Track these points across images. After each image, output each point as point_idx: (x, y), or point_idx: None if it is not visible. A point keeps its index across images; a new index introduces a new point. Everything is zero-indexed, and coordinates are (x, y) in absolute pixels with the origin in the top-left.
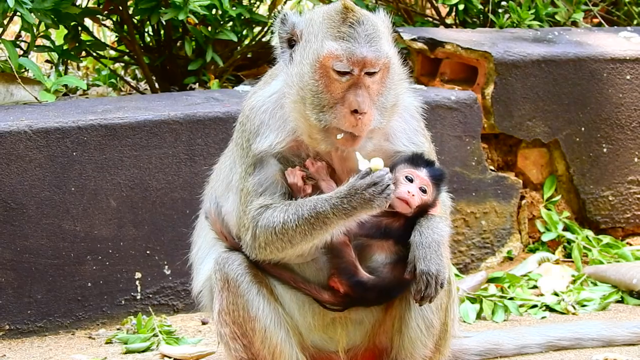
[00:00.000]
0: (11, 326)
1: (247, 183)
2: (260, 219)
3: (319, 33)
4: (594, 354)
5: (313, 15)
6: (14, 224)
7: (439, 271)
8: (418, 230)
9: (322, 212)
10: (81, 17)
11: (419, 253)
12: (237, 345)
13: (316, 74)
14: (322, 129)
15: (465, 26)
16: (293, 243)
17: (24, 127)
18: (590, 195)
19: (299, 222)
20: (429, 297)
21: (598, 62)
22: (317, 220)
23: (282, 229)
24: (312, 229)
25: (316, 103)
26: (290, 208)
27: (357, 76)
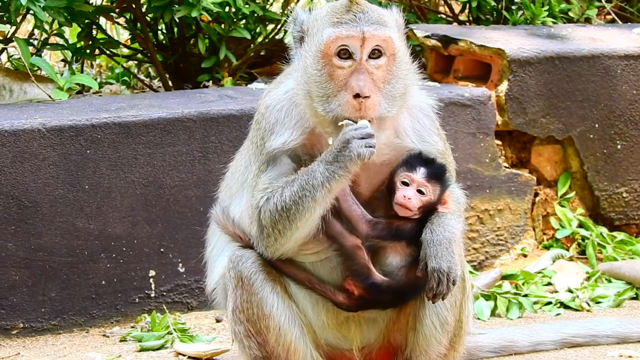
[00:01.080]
0: (25, 324)
1: (259, 180)
2: (263, 203)
3: (321, 24)
4: (609, 350)
5: (319, 10)
6: (28, 222)
7: (451, 268)
8: (429, 228)
9: (312, 178)
10: (94, 15)
11: (430, 251)
12: (251, 343)
13: (319, 64)
14: (330, 121)
15: (478, 23)
16: (291, 221)
17: (38, 125)
18: (605, 192)
19: (293, 195)
20: (441, 295)
21: (612, 58)
22: (308, 185)
23: (282, 205)
24: (305, 198)
25: (322, 94)
26: (287, 184)
27: (359, 61)
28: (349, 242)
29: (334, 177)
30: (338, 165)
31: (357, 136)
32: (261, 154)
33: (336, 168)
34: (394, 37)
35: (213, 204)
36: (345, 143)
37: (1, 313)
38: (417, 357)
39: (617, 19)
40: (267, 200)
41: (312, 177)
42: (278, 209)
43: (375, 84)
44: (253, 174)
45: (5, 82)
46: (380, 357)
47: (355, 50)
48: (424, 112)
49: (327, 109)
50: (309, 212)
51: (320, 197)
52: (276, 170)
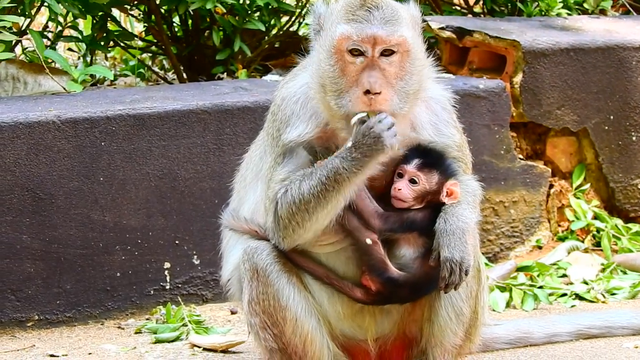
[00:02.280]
0: (40, 316)
1: (275, 172)
2: (281, 195)
3: (335, 19)
4: (624, 342)
5: (335, 4)
6: (43, 214)
7: (463, 258)
8: (442, 217)
9: (333, 168)
10: (109, 7)
11: (443, 240)
12: (267, 334)
13: (332, 59)
14: (342, 116)
15: (493, 15)
16: (311, 213)
17: (52, 117)
18: (620, 183)
19: (313, 186)
20: (453, 285)
21: (627, 50)
22: (329, 179)
23: (300, 198)
24: (326, 191)
25: (334, 89)
26: (305, 177)
27: (371, 57)
28: (364, 237)
29: (361, 170)
30: (366, 158)
31: (384, 127)
32: (277, 146)
33: (363, 161)
34: (407, 35)
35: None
36: (374, 136)
37: (16, 305)
38: (432, 348)
39: (632, 10)
40: (285, 193)
41: (335, 171)
42: (296, 201)
43: (387, 80)
44: (268, 165)
45: (20, 74)
46: (395, 348)
47: (367, 49)
48: (440, 104)
49: (339, 104)
50: (331, 204)
51: (345, 190)
52: (292, 163)
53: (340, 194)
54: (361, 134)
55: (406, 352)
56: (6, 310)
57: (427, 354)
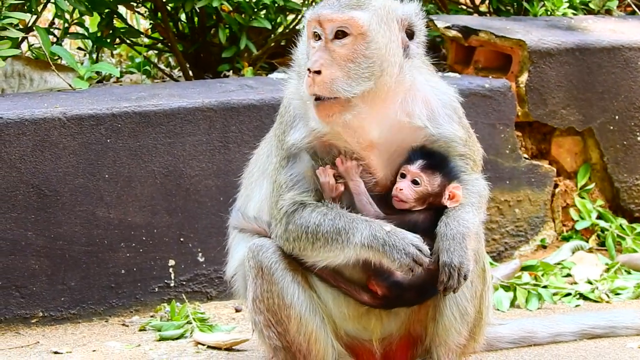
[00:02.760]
0: (45, 313)
1: (279, 175)
2: (295, 216)
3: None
4: (628, 342)
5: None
6: (48, 210)
7: (462, 263)
8: (444, 221)
9: (351, 233)
10: (115, 4)
11: (443, 244)
12: (271, 332)
13: (302, 47)
14: (305, 99)
15: (499, 14)
16: (314, 247)
17: (58, 114)
18: (624, 183)
19: (326, 234)
20: (451, 289)
21: (632, 50)
22: (342, 239)
23: (313, 231)
24: (335, 242)
25: (301, 74)
26: (329, 213)
27: (324, 40)
28: None
29: (369, 250)
30: (384, 257)
31: (423, 254)
32: (281, 148)
33: (380, 255)
34: (360, 18)
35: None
36: (406, 249)
37: (21, 302)
38: (436, 347)
39: (638, 10)
40: (293, 213)
41: (352, 232)
42: (307, 231)
43: (334, 61)
44: (273, 166)
45: (26, 71)
46: (400, 347)
47: (321, 31)
48: (441, 99)
49: (304, 89)
50: (333, 253)
51: (350, 254)
52: (296, 168)
53: (344, 251)
54: (407, 244)
55: (411, 351)
56: (10, 307)
57: (432, 353)
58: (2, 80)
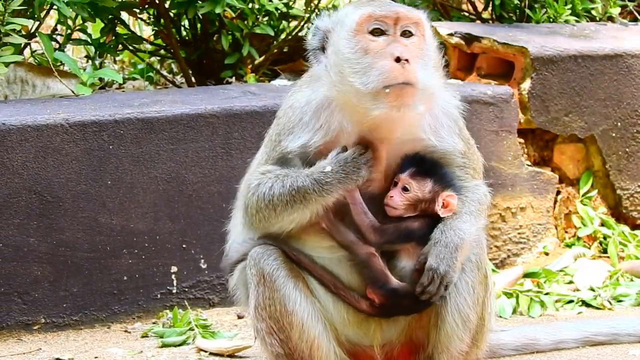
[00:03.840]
0: (47, 319)
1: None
2: (254, 185)
3: (351, 9)
4: (631, 349)
5: (340, 10)
6: (51, 217)
7: (447, 272)
8: (440, 228)
9: (303, 187)
10: (118, 10)
11: (434, 250)
12: (273, 340)
13: (352, 43)
14: (369, 93)
15: (501, 21)
16: (276, 213)
17: (61, 120)
18: (627, 190)
19: (282, 194)
20: (429, 294)
21: (634, 57)
22: (299, 194)
23: (270, 198)
24: (293, 202)
25: (358, 69)
26: (279, 178)
27: (393, 34)
28: (363, 251)
29: (330, 194)
30: (339, 184)
31: (365, 159)
32: (273, 150)
33: (336, 187)
34: (425, 20)
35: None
36: (356, 166)
37: (23, 308)
38: (439, 354)
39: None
40: (257, 186)
41: (305, 190)
42: (265, 199)
43: (412, 51)
44: (257, 161)
45: (29, 77)
46: (402, 354)
47: (389, 28)
48: (444, 110)
49: (366, 82)
50: (297, 213)
51: (311, 207)
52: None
53: (307, 208)
54: (343, 161)
55: (412, 357)
56: (13, 314)
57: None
58: (4, 86)
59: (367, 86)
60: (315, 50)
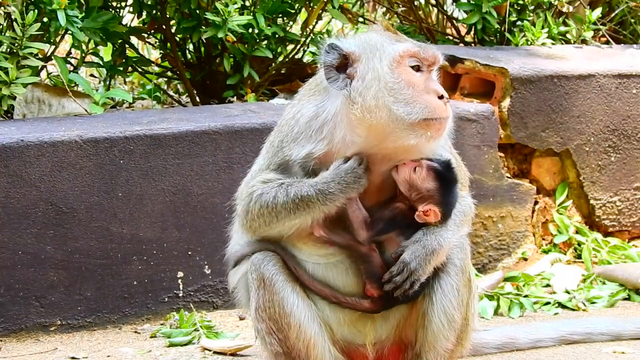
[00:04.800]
0: (62, 321)
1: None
2: (257, 194)
3: (385, 43)
4: (603, 347)
5: (364, 36)
6: (66, 226)
7: (417, 270)
8: (424, 230)
9: (307, 196)
10: (127, 35)
11: (412, 247)
12: (272, 339)
13: (395, 74)
14: (410, 123)
15: (483, 44)
16: (278, 219)
17: (75, 137)
18: (599, 200)
19: (286, 202)
20: (394, 284)
21: (606, 77)
22: (303, 202)
23: (273, 206)
24: (297, 210)
25: (401, 99)
26: (282, 187)
27: (427, 72)
28: (362, 249)
29: (333, 203)
30: (342, 194)
31: (364, 169)
32: (275, 156)
33: (338, 196)
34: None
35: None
36: (357, 175)
37: (40, 311)
38: (426, 352)
39: (612, 40)
40: (260, 195)
41: (308, 199)
42: (269, 206)
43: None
44: (258, 167)
45: (45, 97)
46: (392, 352)
47: (424, 66)
48: None
49: (410, 112)
50: (299, 219)
51: (315, 213)
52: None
53: (310, 215)
54: (344, 172)
55: (402, 355)
56: (31, 316)
57: (421, 358)
58: (23, 105)
59: (410, 116)
60: (330, 67)
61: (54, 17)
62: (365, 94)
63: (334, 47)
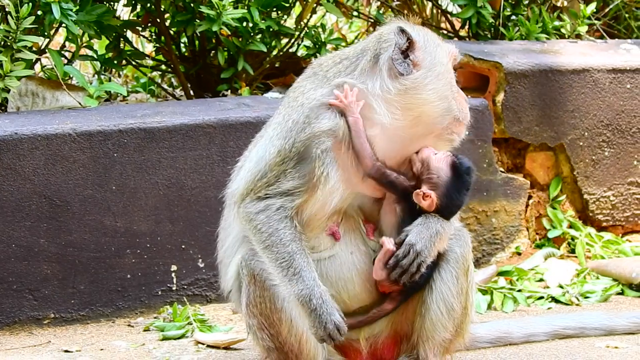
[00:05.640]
0: (56, 315)
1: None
2: (256, 222)
3: (438, 43)
4: (597, 342)
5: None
6: (59, 219)
7: (423, 251)
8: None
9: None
10: (122, 28)
11: (416, 229)
12: (264, 334)
13: (451, 72)
14: (453, 118)
15: (477, 39)
16: (264, 251)
17: (69, 130)
18: (593, 195)
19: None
20: (400, 268)
21: (600, 72)
22: (291, 270)
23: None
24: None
25: (454, 96)
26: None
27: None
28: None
29: (298, 304)
30: (308, 313)
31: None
32: (298, 134)
33: (305, 310)
34: None
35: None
36: (326, 323)
37: (34, 304)
38: (423, 342)
39: (606, 35)
40: (257, 230)
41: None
42: (264, 244)
43: None
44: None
45: (39, 90)
46: (386, 345)
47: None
48: None
49: (457, 110)
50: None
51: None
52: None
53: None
54: (323, 325)
55: (397, 348)
56: (24, 309)
57: (418, 349)
58: (17, 99)
59: (455, 113)
60: (399, 50)
61: (48, 10)
62: (430, 84)
63: (403, 31)
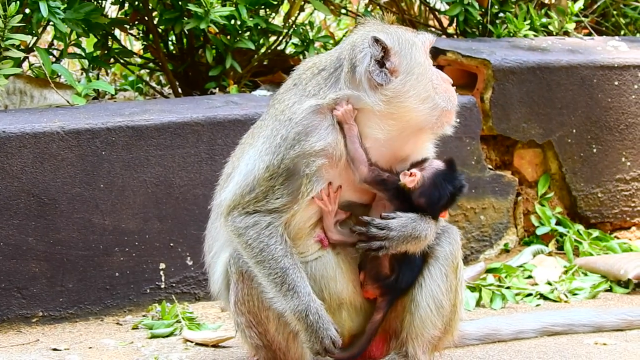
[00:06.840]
0: (44, 313)
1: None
2: (246, 239)
3: (411, 36)
4: (585, 338)
5: (390, 29)
6: (47, 218)
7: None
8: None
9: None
10: (110, 26)
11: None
12: (252, 332)
13: (431, 67)
14: (445, 111)
15: (465, 36)
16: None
17: (57, 128)
18: (581, 192)
19: (277, 273)
20: (364, 236)
21: (588, 69)
22: (285, 284)
23: (255, 262)
24: (274, 284)
25: (439, 90)
26: (287, 258)
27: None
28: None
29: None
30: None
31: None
32: (287, 151)
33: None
34: None
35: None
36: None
37: (22, 302)
38: (412, 339)
39: (594, 32)
40: (248, 245)
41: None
42: (257, 259)
43: None
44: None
45: (27, 88)
46: (375, 343)
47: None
48: None
49: (447, 102)
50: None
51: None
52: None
53: (276, 297)
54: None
55: (386, 345)
56: (13, 307)
57: (407, 346)
58: (4, 97)
59: (442, 106)
60: (375, 61)
61: (36, 9)
62: (411, 89)
63: (378, 41)
